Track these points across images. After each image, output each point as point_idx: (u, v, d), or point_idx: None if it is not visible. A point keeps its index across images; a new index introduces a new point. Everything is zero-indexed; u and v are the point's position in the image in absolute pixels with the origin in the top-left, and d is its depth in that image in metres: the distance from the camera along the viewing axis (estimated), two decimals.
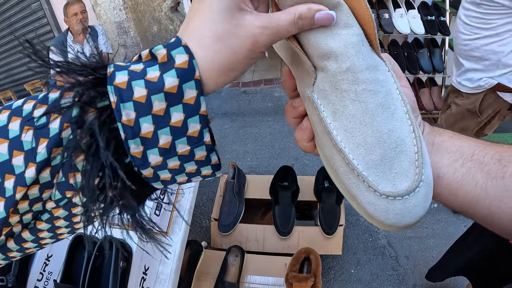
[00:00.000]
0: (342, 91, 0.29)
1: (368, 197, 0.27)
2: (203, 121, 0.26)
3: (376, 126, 0.28)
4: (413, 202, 0.26)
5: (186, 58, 0.25)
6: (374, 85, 0.29)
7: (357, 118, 0.28)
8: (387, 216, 0.27)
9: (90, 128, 0.23)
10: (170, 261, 0.93)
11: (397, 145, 0.28)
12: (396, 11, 2.26)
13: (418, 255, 1.72)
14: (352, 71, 0.29)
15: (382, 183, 0.27)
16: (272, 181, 1.63)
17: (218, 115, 3.03)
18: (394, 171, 0.27)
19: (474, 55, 1.40)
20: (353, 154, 0.28)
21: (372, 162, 0.28)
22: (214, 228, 1.57)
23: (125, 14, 2.88)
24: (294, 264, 1.24)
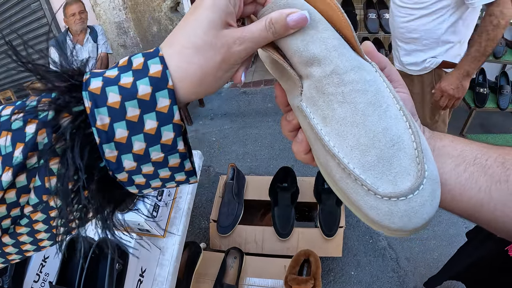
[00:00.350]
0: (329, 95, 0.28)
1: (369, 202, 0.25)
2: (177, 130, 0.26)
3: (369, 125, 0.27)
4: (419, 201, 0.25)
5: (160, 68, 0.26)
6: (361, 84, 0.28)
7: (348, 120, 0.27)
8: (392, 220, 0.25)
9: (64, 133, 0.24)
10: (168, 263, 0.92)
11: (394, 143, 0.26)
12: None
13: (419, 257, 1.70)
14: (337, 73, 0.28)
15: (382, 185, 0.25)
16: (272, 182, 1.62)
17: (218, 115, 3.02)
18: (394, 171, 0.26)
19: (413, 37, 1.39)
20: (348, 158, 0.27)
21: (368, 164, 0.26)
22: (213, 230, 1.56)
23: (124, 14, 2.87)
24: (293, 266, 1.22)
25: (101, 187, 0.26)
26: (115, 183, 0.27)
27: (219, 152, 2.58)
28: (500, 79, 2.32)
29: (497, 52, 2.19)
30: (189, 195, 1.07)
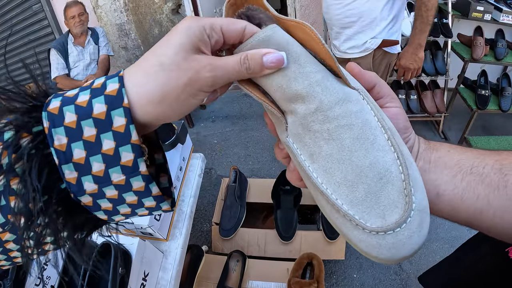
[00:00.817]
0: (315, 132, 0.28)
1: (358, 236, 0.26)
2: (136, 151, 0.25)
3: (355, 161, 0.27)
4: (406, 234, 0.25)
5: (116, 87, 0.25)
6: (347, 119, 0.28)
7: (334, 157, 0.27)
8: (380, 252, 0.25)
9: (23, 153, 0.24)
10: (171, 266, 0.92)
11: (381, 176, 0.26)
12: None
13: (421, 260, 1.70)
14: (321, 110, 0.28)
15: (370, 219, 0.26)
16: (274, 185, 1.61)
17: (219, 118, 3.02)
18: (382, 204, 0.26)
19: (351, 21, 1.40)
20: (336, 194, 0.27)
21: (356, 200, 0.26)
22: (215, 233, 1.55)
23: (126, 16, 2.87)
24: (296, 269, 1.22)
25: (64, 210, 0.26)
26: (80, 207, 0.26)
27: (221, 155, 2.57)
28: (502, 81, 2.32)
29: (498, 54, 2.20)
30: (192, 198, 1.07)
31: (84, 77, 2.44)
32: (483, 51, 2.19)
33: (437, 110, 2.36)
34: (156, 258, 0.90)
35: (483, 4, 2.23)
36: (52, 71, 2.39)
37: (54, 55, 2.38)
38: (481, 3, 2.23)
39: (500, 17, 2.23)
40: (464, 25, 2.45)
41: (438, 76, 2.32)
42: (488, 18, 2.25)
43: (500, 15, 2.23)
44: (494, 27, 2.31)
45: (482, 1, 2.26)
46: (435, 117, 2.42)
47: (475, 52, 2.18)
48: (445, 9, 2.30)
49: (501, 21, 2.24)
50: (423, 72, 2.29)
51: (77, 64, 2.45)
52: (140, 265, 0.81)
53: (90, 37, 2.49)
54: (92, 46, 2.50)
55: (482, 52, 2.18)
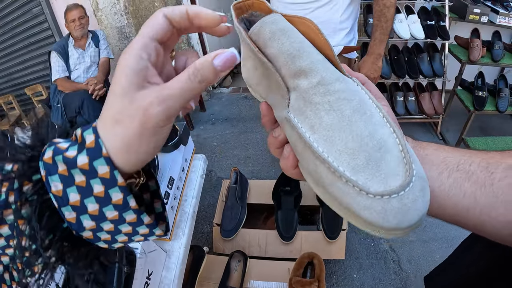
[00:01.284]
0: (316, 104, 0.29)
1: (362, 202, 0.25)
2: (125, 190, 0.27)
3: (356, 130, 0.27)
4: (411, 197, 0.25)
5: (92, 138, 0.27)
6: (346, 93, 0.29)
7: (335, 126, 0.28)
8: (386, 219, 0.25)
9: (26, 198, 0.27)
10: (174, 266, 0.93)
11: (380, 146, 0.27)
12: (396, 16, 2.27)
13: (420, 259, 1.71)
14: (323, 84, 0.29)
15: (373, 185, 0.25)
16: (275, 186, 1.63)
17: (219, 120, 3.03)
18: (383, 172, 0.26)
19: None
20: (337, 162, 0.27)
21: (358, 167, 0.26)
22: (216, 233, 1.56)
23: (126, 19, 2.89)
24: (297, 268, 1.23)
25: (69, 245, 0.29)
26: (83, 240, 0.29)
27: (221, 157, 2.58)
28: (499, 82, 2.34)
29: (495, 55, 2.22)
30: (194, 199, 1.08)
31: (84, 79, 2.45)
32: (480, 53, 2.21)
33: (435, 111, 2.38)
34: (159, 258, 0.91)
35: (480, 7, 2.25)
36: (52, 74, 2.40)
37: (54, 57, 2.39)
38: (477, 6, 2.26)
39: (496, 19, 2.25)
40: (461, 28, 2.47)
41: (435, 78, 2.34)
42: (485, 20, 2.27)
43: (496, 17, 2.25)
44: (491, 29, 2.33)
45: (478, 4, 2.29)
46: (433, 119, 2.44)
47: (472, 54, 2.21)
48: (442, 11, 2.33)
49: (497, 23, 2.26)
50: (421, 74, 2.31)
51: (78, 67, 2.46)
52: (144, 264, 0.82)
53: (90, 40, 2.51)
54: (93, 49, 2.51)
55: (479, 54, 2.20)
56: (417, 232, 1.85)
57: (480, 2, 2.30)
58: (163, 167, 0.96)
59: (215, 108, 3.23)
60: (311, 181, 0.30)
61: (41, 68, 3.37)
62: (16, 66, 3.49)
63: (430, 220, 1.89)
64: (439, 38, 2.26)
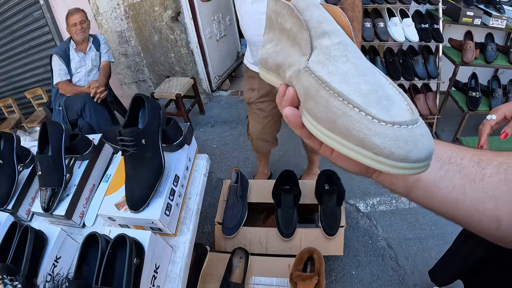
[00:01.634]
0: (335, 57, 0.32)
1: (374, 128, 0.27)
2: None
3: (368, 79, 0.30)
4: (419, 132, 0.26)
5: None
6: (360, 54, 0.33)
7: (350, 73, 0.30)
8: (398, 145, 0.26)
9: None
10: (179, 260, 0.96)
11: (388, 97, 0.29)
12: (391, 20, 2.33)
13: (417, 256, 1.75)
14: (343, 44, 0.33)
15: (385, 117, 0.27)
16: (275, 185, 1.66)
17: (218, 123, 3.07)
18: (392, 112, 0.28)
19: None
20: (352, 96, 0.29)
21: (371, 102, 0.28)
22: (218, 231, 1.60)
23: (126, 23, 2.93)
24: (297, 263, 1.26)
25: None
26: None
27: (220, 159, 2.62)
28: (492, 83, 2.40)
29: (488, 57, 2.27)
30: (198, 196, 1.11)
31: (85, 83, 2.48)
32: (473, 55, 2.26)
33: (430, 112, 2.43)
34: (165, 252, 0.94)
35: (473, 9, 2.31)
36: (54, 77, 2.43)
37: (56, 61, 2.42)
38: (471, 9, 2.31)
39: (489, 21, 2.31)
40: (455, 30, 2.53)
41: (430, 80, 2.39)
42: (478, 23, 2.33)
43: (489, 20, 2.31)
44: (484, 31, 2.39)
45: (472, 7, 2.34)
46: (428, 119, 2.49)
47: (466, 55, 2.26)
48: (436, 15, 2.39)
49: (490, 25, 2.32)
50: (416, 76, 2.36)
51: (79, 70, 2.49)
52: (152, 257, 0.86)
53: (91, 44, 2.54)
54: (94, 52, 2.54)
55: (472, 55, 2.26)
56: (413, 230, 1.89)
57: (473, 5, 2.36)
58: (169, 166, 0.99)
59: (214, 111, 3.27)
60: (312, 124, 0.32)
61: (41, 71, 3.40)
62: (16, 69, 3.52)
63: (427, 218, 1.94)
64: (433, 41, 2.31)
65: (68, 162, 1.07)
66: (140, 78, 3.33)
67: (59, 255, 0.93)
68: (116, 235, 0.79)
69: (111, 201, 0.93)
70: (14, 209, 1.04)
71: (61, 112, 2.43)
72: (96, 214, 1.05)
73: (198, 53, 3.13)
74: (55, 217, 1.01)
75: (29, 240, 0.85)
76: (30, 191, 1.11)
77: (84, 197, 1.07)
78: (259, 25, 1.38)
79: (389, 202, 2.08)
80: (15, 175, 1.08)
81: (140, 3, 2.78)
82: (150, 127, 0.90)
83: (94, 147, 1.14)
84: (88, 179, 1.10)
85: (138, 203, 0.88)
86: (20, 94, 3.50)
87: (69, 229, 1.04)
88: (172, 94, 2.75)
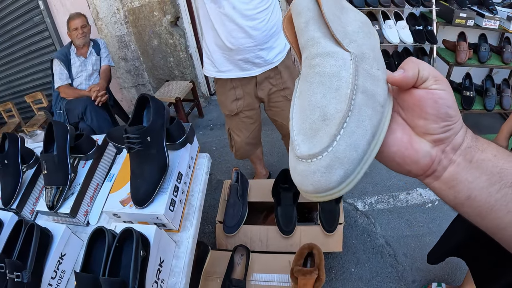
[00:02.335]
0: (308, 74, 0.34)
1: (291, 158, 0.31)
2: None
3: (313, 100, 0.31)
4: (312, 168, 0.28)
5: None
6: (321, 68, 0.33)
7: (304, 93, 0.33)
8: (293, 174, 0.30)
9: None
10: (183, 255, 0.98)
11: (325, 118, 0.29)
12: (386, 23, 2.37)
13: (415, 253, 1.78)
14: (308, 58, 0.34)
15: (302, 147, 0.29)
16: (274, 184, 1.69)
17: (217, 125, 3.11)
18: (314, 140, 0.29)
19: (273, 31, 1.51)
20: (293, 122, 0.32)
21: (303, 131, 0.31)
22: (220, 230, 1.62)
23: (126, 28, 2.96)
24: (298, 259, 1.29)
25: None
26: None
27: (220, 161, 2.65)
28: (486, 82, 2.44)
29: (482, 57, 2.32)
30: (201, 193, 1.14)
31: (86, 86, 2.51)
32: (467, 55, 2.31)
33: None
34: (170, 247, 0.97)
35: (466, 11, 2.35)
36: (55, 81, 2.46)
37: (57, 65, 2.45)
38: (463, 10, 2.36)
39: (482, 22, 2.35)
40: (449, 31, 2.57)
41: None
42: (471, 24, 2.37)
43: (482, 21, 2.35)
44: (477, 32, 2.43)
45: (465, 8, 2.38)
46: None
47: (459, 56, 2.30)
48: (430, 16, 2.43)
49: (483, 26, 2.36)
50: None
51: (80, 74, 2.52)
52: (157, 251, 0.88)
53: (92, 48, 2.57)
54: (94, 57, 2.58)
55: (466, 56, 2.30)
56: (411, 227, 1.92)
57: (466, 7, 2.40)
58: (173, 163, 1.02)
59: (213, 114, 3.30)
60: None
61: (41, 76, 3.43)
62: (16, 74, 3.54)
63: (424, 216, 1.97)
64: (427, 42, 2.35)
65: (73, 161, 1.10)
66: (140, 82, 3.37)
67: (64, 252, 0.95)
68: (123, 228, 0.81)
69: (116, 198, 0.96)
70: (18, 208, 1.06)
71: (62, 115, 2.45)
72: (100, 212, 1.08)
73: (197, 57, 3.17)
74: (60, 215, 1.03)
75: (34, 237, 0.86)
76: (34, 191, 1.13)
77: (89, 195, 1.09)
78: (243, 27, 1.40)
79: (387, 201, 2.11)
80: (19, 175, 1.09)
81: (139, 8, 2.82)
82: (155, 125, 0.93)
83: (98, 147, 1.17)
84: (92, 178, 1.12)
85: (143, 199, 0.90)
86: (20, 98, 3.52)
87: (73, 227, 1.06)
88: (171, 98, 2.78)
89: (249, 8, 1.36)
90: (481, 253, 1.23)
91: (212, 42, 1.48)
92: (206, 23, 1.44)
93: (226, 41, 1.43)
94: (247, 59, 1.49)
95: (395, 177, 2.28)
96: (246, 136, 1.81)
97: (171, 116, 1.05)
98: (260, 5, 1.38)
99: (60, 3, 3.02)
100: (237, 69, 1.53)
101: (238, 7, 1.34)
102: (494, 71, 2.71)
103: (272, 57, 1.55)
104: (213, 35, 1.45)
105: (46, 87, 3.39)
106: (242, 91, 1.63)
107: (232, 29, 1.39)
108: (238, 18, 1.37)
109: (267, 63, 1.55)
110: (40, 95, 3.26)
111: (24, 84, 3.58)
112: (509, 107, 2.31)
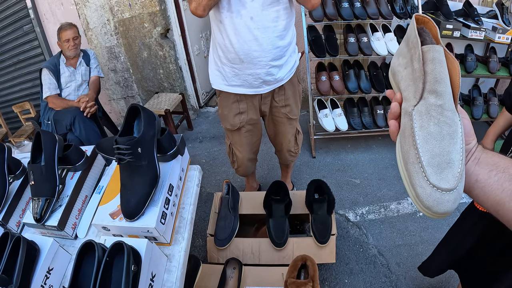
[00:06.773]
0: (431, 116, 0.44)
1: (422, 182, 0.41)
2: None
3: (442, 145, 0.42)
4: (447, 198, 0.40)
5: None
6: (450, 121, 0.43)
7: (434, 135, 0.43)
8: (428, 199, 0.40)
9: None
10: (175, 269, 0.96)
11: (449, 162, 0.41)
12: (374, 35, 2.41)
13: (408, 262, 1.78)
14: (442, 107, 0.44)
15: (433, 178, 0.40)
16: (266, 195, 1.68)
17: (207, 138, 3.09)
18: (442, 176, 0.41)
19: (286, 43, 1.50)
20: (422, 154, 0.42)
21: (432, 164, 0.41)
22: (211, 243, 1.59)
23: (116, 39, 2.95)
24: (292, 271, 1.27)
25: None
26: None
27: (209, 173, 2.63)
28: (473, 92, 2.49)
29: (468, 67, 2.37)
30: (192, 206, 1.12)
31: (75, 97, 2.48)
32: None
33: None
34: (161, 261, 0.94)
35: (452, 22, 2.41)
36: (43, 91, 2.43)
37: (46, 74, 2.42)
38: (450, 22, 2.41)
39: (468, 33, 2.41)
40: None
41: None
42: (457, 35, 2.43)
43: (468, 32, 2.41)
44: (464, 43, 2.49)
45: (451, 20, 2.44)
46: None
47: None
48: None
49: (469, 37, 2.42)
50: None
51: (69, 85, 2.49)
52: (148, 265, 0.86)
53: (81, 59, 2.55)
54: (84, 67, 2.55)
55: None
56: (403, 236, 1.92)
57: (452, 18, 2.46)
58: (164, 175, 1.00)
59: (203, 126, 3.29)
60: (400, 153, 0.47)
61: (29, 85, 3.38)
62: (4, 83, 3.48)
63: (415, 225, 1.98)
64: None
65: (61, 172, 1.07)
66: (129, 94, 3.34)
67: (51, 267, 0.92)
68: (114, 242, 0.79)
69: (105, 211, 0.93)
70: (4, 220, 1.02)
71: (50, 126, 2.41)
72: (88, 225, 1.05)
73: (187, 69, 3.17)
74: (47, 228, 1.00)
75: (21, 250, 0.83)
76: (20, 202, 1.09)
77: (77, 208, 1.06)
78: (259, 39, 1.37)
79: (378, 211, 2.11)
80: (5, 186, 1.06)
81: (130, 20, 2.82)
82: (146, 136, 0.92)
83: (87, 158, 1.14)
84: (81, 190, 1.09)
85: (133, 211, 0.88)
86: (8, 108, 3.46)
87: (61, 240, 1.02)
88: (161, 110, 2.77)
89: (267, 20, 1.35)
90: (471, 265, 1.23)
91: (223, 55, 1.46)
92: (220, 34, 1.41)
93: (239, 52, 1.40)
94: (257, 74, 1.47)
95: (385, 187, 2.29)
96: (247, 151, 1.79)
97: (162, 127, 1.04)
98: (278, 18, 1.36)
99: (50, 13, 3.00)
100: (246, 85, 1.51)
101: (256, 18, 1.33)
102: (481, 81, 2.77)
103: (283, 75, 1.54)
104: (226, 46, 1.42)
105: (34, 97, 3.34)
106: (246, 105, 1.61)
107: (248, 39, 1.37)
108: (255, 29, 1.35)
109: (276, 81, 1.54)
110: (28, 105, 3.20)
111: (12, 93, 3.52)
112: (497, 115, 2.35)
